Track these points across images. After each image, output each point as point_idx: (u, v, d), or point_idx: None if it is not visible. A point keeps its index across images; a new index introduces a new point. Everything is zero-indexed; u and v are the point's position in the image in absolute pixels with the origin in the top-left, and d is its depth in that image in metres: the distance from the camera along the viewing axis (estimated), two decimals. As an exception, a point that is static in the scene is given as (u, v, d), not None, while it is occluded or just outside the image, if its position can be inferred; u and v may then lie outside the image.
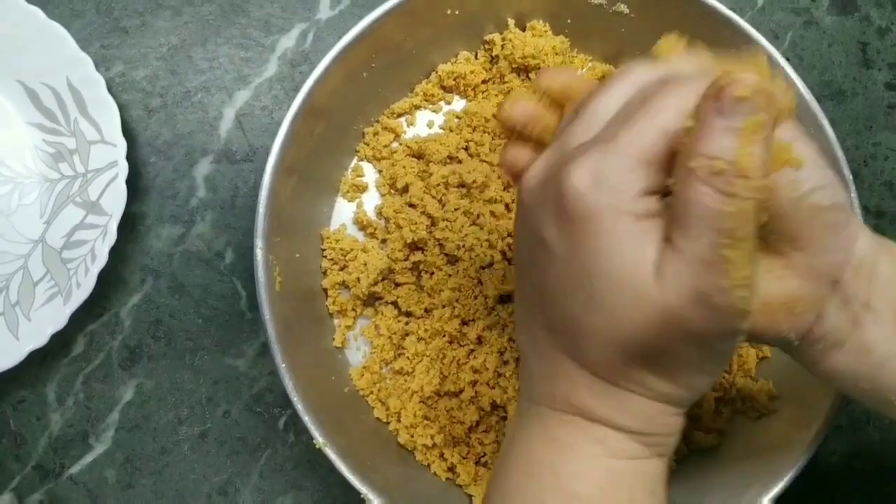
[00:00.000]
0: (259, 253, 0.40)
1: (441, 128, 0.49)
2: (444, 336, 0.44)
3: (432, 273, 0.45)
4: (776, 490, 0.38)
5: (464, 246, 0.44)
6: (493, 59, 0.48)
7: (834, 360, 0.30)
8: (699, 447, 0.43)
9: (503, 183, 0.45)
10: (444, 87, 0.49)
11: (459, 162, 0.46)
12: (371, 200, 0.48)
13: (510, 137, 0.30)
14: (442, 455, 0.44)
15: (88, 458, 0.47)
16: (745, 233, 0.22)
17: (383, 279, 0.45)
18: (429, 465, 0.44)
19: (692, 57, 0.26)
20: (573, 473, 0.27)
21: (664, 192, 0.24)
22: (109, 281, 0.48)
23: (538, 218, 0.25)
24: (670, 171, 0.23)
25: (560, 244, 0.24)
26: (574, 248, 0.24)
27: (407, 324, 0.45)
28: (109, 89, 0.46)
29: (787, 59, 0.43)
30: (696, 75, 0.24)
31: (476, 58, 0.49)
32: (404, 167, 0.46)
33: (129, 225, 0.48)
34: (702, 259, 0.22)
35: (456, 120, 0.48)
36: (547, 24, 0.48)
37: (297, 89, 0.42)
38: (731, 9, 0.43)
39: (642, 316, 0.24)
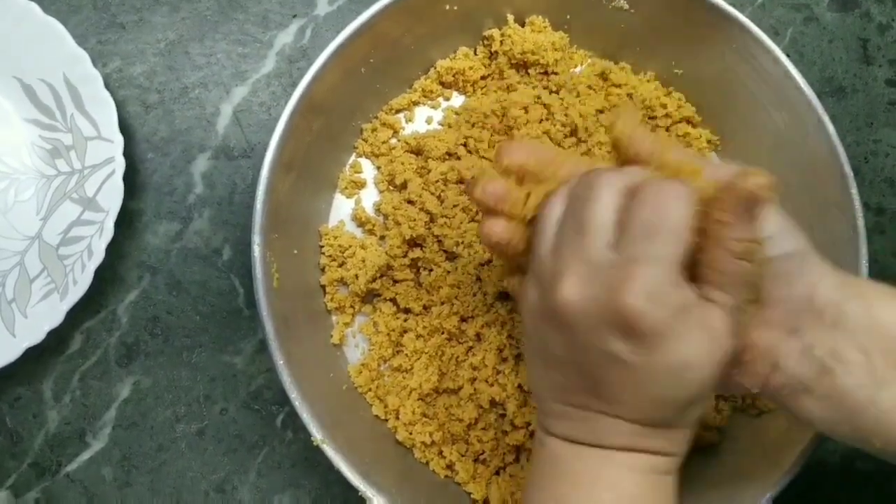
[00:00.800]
0: (257, 249, 0.40)
1: (440, 124, 0.48)
2: (442, 333, 0.44)
3: (431, 270, 0.45)
4: (776, 489, 0.38)
5: (463, 242, 0.44)
6: (492, 55, 0.48)
7: (804, 405, 0.30)
8: (700, 445, 0.43)
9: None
10: (442, 83, 0.49)
11: (458, 158, 0.46)
12: (369, 197, 0.48)
13: (483, 213, 0.33)
14: (440, 452, 0.43)
15: (85, 456, 0.47)
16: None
17: (382, 276, 0.45)
18: (427, 463, 0.43)
19: (646, 138, 0.31)
20: (605, 485, 0.30)
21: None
22: (106, 278, 0.47)
23: (596, 334, 0.28)
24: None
25: (633, 354, 0.27)
26: (651, 354, 0.27)
27: (405, 321, 0.45)
28: (106, 85, 0.46)
29: (788, 56, 0.43)
30: (666, 176, 0.29)
31: (475, 53, 0.49)
32: (403, 163, 0.46)
33: (127, 221, 0.48)
34: (735, 307, 0.28)
35: (455, 116, 0.48)
36: (546, 20, 0.48)
37: (294, 85, 0.41)
38: (731, 4, 0.43)
39: (718, 367, 0.28)
